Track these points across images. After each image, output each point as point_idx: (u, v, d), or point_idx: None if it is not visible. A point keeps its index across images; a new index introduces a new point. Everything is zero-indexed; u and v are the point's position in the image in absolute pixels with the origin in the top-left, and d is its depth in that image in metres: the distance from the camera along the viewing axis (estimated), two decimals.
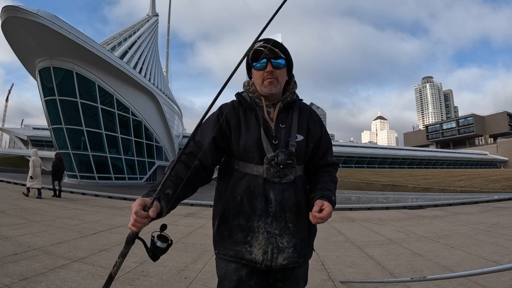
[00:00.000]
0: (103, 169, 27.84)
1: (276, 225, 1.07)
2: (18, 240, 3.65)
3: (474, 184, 25.11)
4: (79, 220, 5.34)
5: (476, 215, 6.54)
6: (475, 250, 3.59)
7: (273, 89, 1.13)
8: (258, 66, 1.14)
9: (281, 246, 1.07)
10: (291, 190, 1.09)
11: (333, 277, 2.81)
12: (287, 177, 1.08)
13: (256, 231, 1.07)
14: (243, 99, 1.18)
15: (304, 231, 1.12)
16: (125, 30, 41.08)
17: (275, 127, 1.13)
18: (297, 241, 1.09)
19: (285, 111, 1.17)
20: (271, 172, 1.07)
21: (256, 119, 1.13)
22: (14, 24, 19.60)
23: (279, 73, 1.14)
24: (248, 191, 1.08)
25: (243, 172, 1.11)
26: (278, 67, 1.14)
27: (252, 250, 1.06)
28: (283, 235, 1.07)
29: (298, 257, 1.10)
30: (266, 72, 1.12)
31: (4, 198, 7.79)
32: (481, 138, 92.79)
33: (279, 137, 1.11)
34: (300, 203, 1.10)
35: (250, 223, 1.07)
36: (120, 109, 28.75)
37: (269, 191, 1.08)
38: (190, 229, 5.06)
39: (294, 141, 1.11)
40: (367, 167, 57.94)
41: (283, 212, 1.07)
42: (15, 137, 51.02)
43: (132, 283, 2.53)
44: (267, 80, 1.12)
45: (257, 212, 1.07)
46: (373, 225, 5.59)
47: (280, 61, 1.14)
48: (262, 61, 1.13)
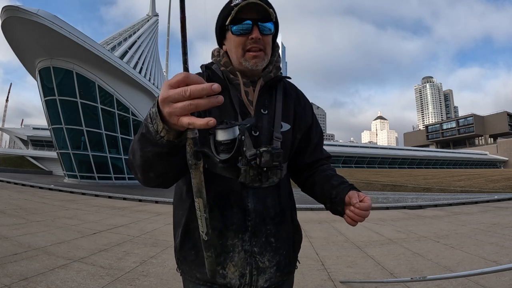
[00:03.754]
0: (103, 169, 27.86)
1: (256, 242, 0.83)
2: (18, 240, 3.65)
3: (474, 184, 25.13)
4: (79, 220, 5.34)
5: (476, 215, 6.54)
6: (475, 250, 3.59)
7: (259, 64, 0.84)
8: (240, 29, 0.82)
9: (262, 266, 0.84)
10: (274, 197, 0.85)
11: (333, 277, 2.81)
12: (271, 180, 0.77)
13: (231, 250, 0.82)
14: (213, 74, 0.88)
15: (289, 245, 0.90)
16: (125, 30, 41.12)
17: (255, 113, 0.86)
18: (280, 258, 0.86)
19: (267, 92, 0.89)
20: (250, 176, 0.74)
21: (231, 102, 0.84)
22: (14, 24, 19.62)
23: (267, 41, 0.85)
24: (220, 198, 0.81)
25: (213, 172, 0.79)
26: (266, 32, 0.83)
27: (226, 274, 0.82)
28: (263, 252, 0.84)
29: (281, 276, 0.88)
30: (251, 39, 0.82)
31: (4, 198, 7.79)
32: (481, 138, 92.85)
33: (260, 127, 0.84)
34: (285, 211, 0.88)
35: (222, 240, 0.81)
36: (120, 109, 28.75)
37: (247, 200, 0.82)
38: None
39: (279, 132, 0.86)
40: (367, 167, 57.98)
41: (263, 225, 0.84)
42: (15, 137, 51.06)
43: (132, 283, 2.53)
44: (252, 53, 0.83)
45: (232, 227, 0.81)
46: (373, 225, 5.59)
47: (268, 24, 0.83)
48: (245, 22, 0.81)
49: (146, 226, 5.17)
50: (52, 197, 8.71)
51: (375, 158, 61.33)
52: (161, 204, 8.59)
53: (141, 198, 9.13)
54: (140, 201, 8.83)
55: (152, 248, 3.69)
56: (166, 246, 3.80)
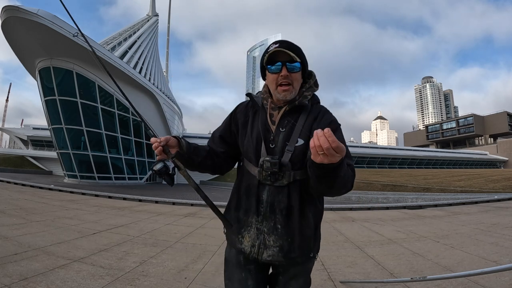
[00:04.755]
0: (103, 169, 27.88)
1: (266, 224, 1.11)
2: (18, 240, 3.65)
3: (474, 184, 25.11)
4: (79, 220, 5.34)
5: (476, 215, 6.54)
6: (475, 250, 3.59)
7: (288, 96, 1.11)
8: (273, 69, 1.11)
9: (268, 243, 1.11)
10: (284, 194, 1.10)
11: (333, 277, 2.82)
12: (280, 181, 1.09)
13: (249, 225, 1.14)
14: (252, 100, 1.21)
15: (295, 235, 1.11)
16: (125, 30, 41.12)
17: (275, 130, 1.13)
18: (284, 242, 1.10)
19: (291, 114, 1.14)
20: (263, 176, 1.10)
21: (261, 121, 1.16)
22: (14, 24, 19.61)
23: (295, 77, 1.11)
24: (247, 188, 1.16)
25: (246, 169, 1.18)
26: (293, 70, 1.10)
27: (242, 241, 1.15)
28: (270, 234, 1.11)
29: (284, 258, 1.11)
30: (281, 76, 1.09)
31: (4, 198, 7.79)
32: (481, 138, 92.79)
33: (276, 141, 1.11)
34: (293, 206, 1.10)
35: (245, 217, 1.15)
36: (120, 109, 28.77)
37: (262, 192, 1.12)
38: (190, 229, 5.06)
39: (293, 146, 1.09)
40: (367, 167, 57.91)
41: (273, 213, 1.11)
42: (15, 137, 51.05)
43: (132, 283, 2.53)
44: (281, 87, 1.10)
45: (251, 209, 1.14)
46: (373, 225, 5.59)
47: (295, 64, 1.10)
48: (277, 64, 1.10)
49: (146, 226, 5.17)
50: (52, 197, 8.70)
51: (375, 158, 61.29)
52: (161, 204, 8.60)
53: (141, 198, 9.14)
54: (140, 201, 8.83)
55: (152, 248, 3.69)
56: (166, 246, 3.81)
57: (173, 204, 8.61)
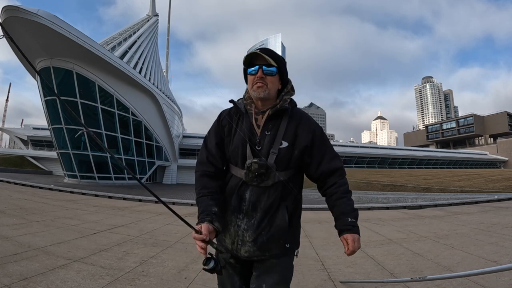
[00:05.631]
0: (103, 169, 27.87)
1: (246, 222, 1.19)
2: (18, 240, 3.65)
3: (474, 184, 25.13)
4: (79, 220, 5.34)
5: (476, 215, 6.54)
6: (475, 250, 3.59)
7: (261, 93, 1.19)
8: (250, 71, 1.22)
9: (244, 240, 1.19)
10: (266, 194, 1.18)
11: (333, 277, 2.81)
12: (265, 182, 1.18)
13: (230, 224, 1.22)
14: (236, 106, 1.28)
15: (270, 228, 1.18)
16: (125, 30, 41.07)
17: (260, 134, 1.21)
18: (257, 236, 1.17)
19: (274, 119, 1.22)
20: (249, 177, 1.18)
21: (246, 125, 1.23)
22: (14, 24, 19.59)
23: (270, 80, 1.20)
24: (230, 189, 1.23)
25: (231, 173, 1.26)
26: (270, 74, 1.20)
27: (224, 239, 1.24)
28: (248, 230, 1.19)
29: (259, 251, 1.18)
30: (257, 77, 1.19)
31: (4, 198, 7.79)
32: (481, 138, 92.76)
33: (262, 144, 1.19)
34: (272, 205, 1.18)
35: (228, 217, 1.22)
36: (120, 109, 28.76)
37: (245, 192, 1.20)
38: (190, 229, 5.05)
39: (277, 148, 1.18)
40: (367, 167, 57.94)
41: (254, 211, 1.19)
42: (15, 137, 51.01)
43: (132, 283, 2.53)
44: (255, 85, 1.19)
45: (232, 208, 1.22)
46: (373, 225, 5.59)
47: (271, 69, 1.20)
48: (254, 67, 1.20)
49: (146, 226, 5.17)
50: (52, 197, 8.70)
51: (375, 158, 61.28)
52: (161, 204, 8.57)
53: (141, 198, 9.13)
54: (140, 201, 8.82)
55: (152, 248, 3.69)
56: (166, 246, 3.81)
57: (173, 204, 8.61)
